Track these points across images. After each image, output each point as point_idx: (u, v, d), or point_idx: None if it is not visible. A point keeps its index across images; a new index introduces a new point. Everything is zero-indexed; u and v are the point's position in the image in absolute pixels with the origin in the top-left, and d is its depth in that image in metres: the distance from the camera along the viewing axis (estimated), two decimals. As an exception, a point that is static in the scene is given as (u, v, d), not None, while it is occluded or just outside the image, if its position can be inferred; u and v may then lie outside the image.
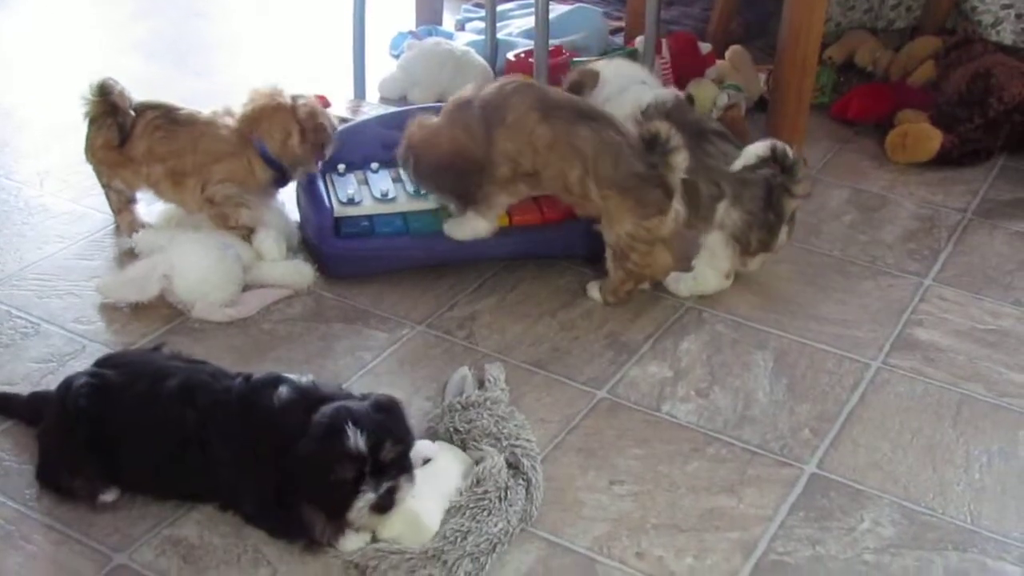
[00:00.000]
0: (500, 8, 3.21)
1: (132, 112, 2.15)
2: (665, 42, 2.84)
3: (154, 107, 2.17)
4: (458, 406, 1.77)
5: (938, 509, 1.69)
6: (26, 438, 1.73)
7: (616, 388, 1.92)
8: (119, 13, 3.48)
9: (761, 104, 2.88)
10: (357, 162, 2.27)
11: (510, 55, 2.89)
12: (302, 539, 1.55)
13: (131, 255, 2.17)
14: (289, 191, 2.30)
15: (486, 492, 1.59)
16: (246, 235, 2.17)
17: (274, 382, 1.57)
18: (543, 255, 2.24)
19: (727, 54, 2.97)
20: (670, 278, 2.16)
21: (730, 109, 2.77)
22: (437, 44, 2.95)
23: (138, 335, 2.00)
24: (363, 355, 1.98)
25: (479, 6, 3.30)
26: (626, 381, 1.94)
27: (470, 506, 1.57)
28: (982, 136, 2.68)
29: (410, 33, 3.19)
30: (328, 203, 2.17)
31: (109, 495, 1.61)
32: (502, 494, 1.59)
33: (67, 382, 1.64)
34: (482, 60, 2.94)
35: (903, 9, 3.22)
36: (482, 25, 3.10)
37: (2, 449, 1.72)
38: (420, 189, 2.17)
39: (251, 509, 1.58)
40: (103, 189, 2.26)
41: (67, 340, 1.98)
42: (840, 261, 2.31)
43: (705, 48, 2.98)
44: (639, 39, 2.82)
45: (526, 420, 1.78)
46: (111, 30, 3.36)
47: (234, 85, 2.95)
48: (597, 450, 1.77)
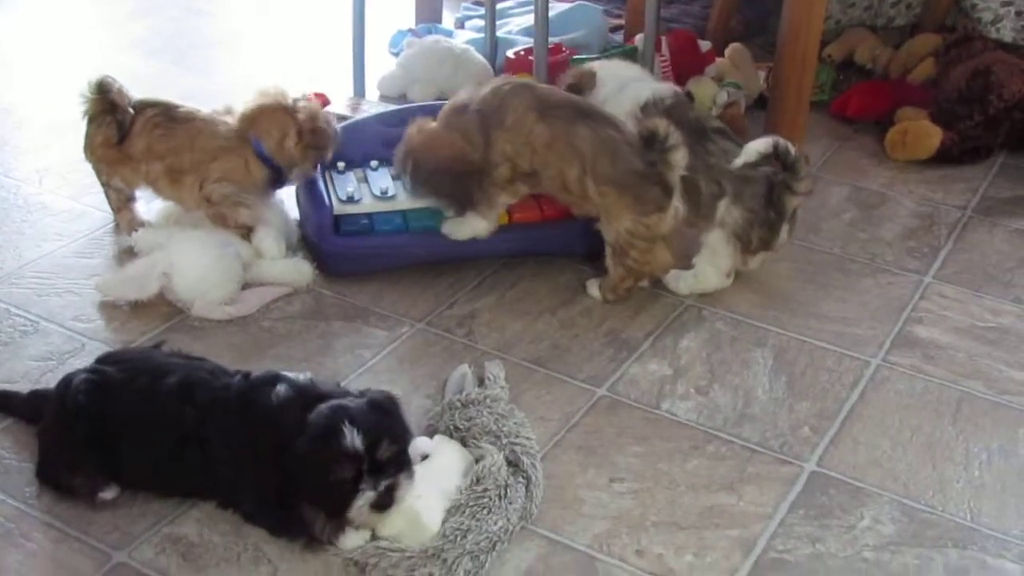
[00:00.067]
0: (500, 6, 3.21)
1: (131, 110, 2.15)
2: (665, 40, 2.84)
3: (153, 105, 2.17)
4: (458, 404, 1.77)
5: (938, 506, 1.68)
6: (26, 436, 1.73)
7: (616, 386, 1.92)
8: (119, 11, 3.48)
9: (761, 102, 2.88)
10: (357, 160, 2.27)
11: (510, 53, 2.89)
12: (302, 537, 1.55)
13: (130, 253, 2.17)
14: (288, 189, 2.30)
15: (486, 490, 1.59)
16: (245, 234, 2.17)
17: (272, 380, 1.57)
18: (543, 253, 2.24)
19: (727, 52, 2.97)
20: (670, 276, 2.16)
21: (730, 107, 2.77)
22: (437, 42, 2.95)
23: (137, 333, 2.00)
24: (363, 353, 1.98)
25: (479, 4, 3.30)
26: (626, 379, 1.94)
27: (470, 504, 1.57)
28: (982, 133, 2.68)
29: (410, 31, 3.19)
30: (328, 201, 2.17)
31: (109, 493, 1.61)
32: (502, 492, 1.59)
33: (66, 379, 1.64)
34: (482, 58, 2.94)
35: (903, 6, 3.22)
36: (482, 23, 3.10)
37: (2, 447, 1.72)
38: (417, 194, 2.16)
39: (250, 507, 1.58)
40: (102, 187, 2.26)
41: (66, 338, 1.98)
42: (840, 259, 2.31)
43: (705, 46, 2.98)
44: (639, 37, 2.82)
45: (526, 418, 1.78)
46: (111, 28, 3.36)
47: (234, 83, 2.97)
48: (597, 448, 1.77)
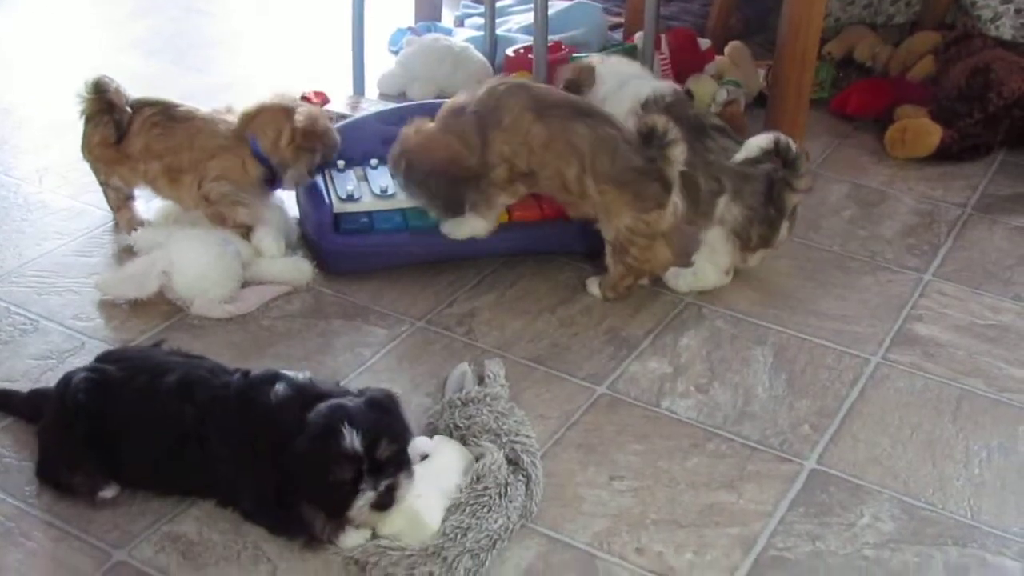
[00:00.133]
0: (499, 4, 3.21)
1: (128, 109, 2.15)
2: (664, 38, 2.84)
3: (151, 104, 2.17)
4: (458, 402, 1.77)
5: (938, 504, 1.68)
6: (26, 435, 1.72)
7: (616, 384, 1.92)
8: (119, 11, 3.48)
9: (760, 100, 2.88)
10: (356, 158, 2.26)
11: (509, 51, 2.89)
12: (301, 536, 1.55)
13: (130, 252, 2.17)
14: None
15: (486, 488, 1.59)
16: (244, 233, 2.17)
17: (272, 379, 1.57)
18: (542, 251, 2.24)
19: (726, 50, 2.97)
20: (669, 273, 2.16)
21: (729, 105, 2.77)
22: (436, 40, 2.95)
23: (137, 332, 2.00)
24: (362, 351, 1.97)
25: (478, 2, 3.30)
26: (626, 377, 1.94)
27: (470, 503, 1.57)
28: (982, 131, 2.68)
29: (409, 29, 3.19)
30: (327, 199, 2.17)
31: (109, 491, 1.61)
32: (502, 490, 1.59)
33: (66, 378, 1.64)
34: (481, 56, 2.94)
35: (902, 4, 3.22)
36: (481, 21, 3.10)
37: (2, 446, 1.72)
38: (409, 194, 2.16)
39: (250, 506, 1.58)
40: (101, 186, 2.26)
41: (66, 337, 1.98)
42: (840, 256, 2.31)
43: (704, 44, 2.98)
44: (638, 35, 2.82)
45: (526, 416, 1.77)
46: (110, 27, 3.36)
47: (234, 82, 2.97)
48: (597, 446, 1.77)
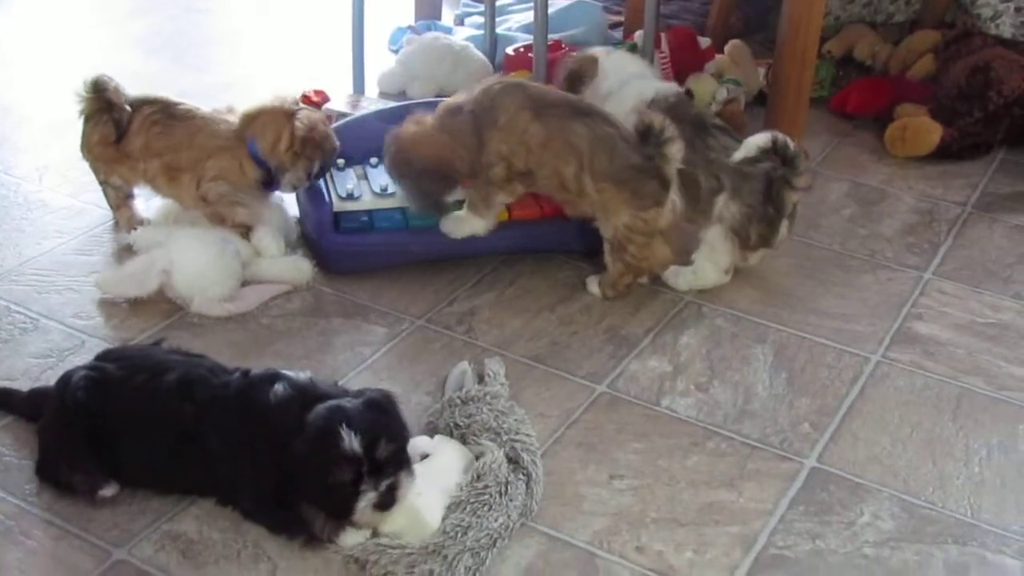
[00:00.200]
0: (499, 3, 3.20)
1: (127, 108, 2.15)
2: (664, 36, 2.84)
3: (151, 102, 2.17)
4: (458, 401, 1.77)
5: (938, 503, 1.69)
6: (26, 434, 1.72)
7: (616, 382, 1.92)
8: (118, 9, 3.48)
9: (760, 98, 2.88)
10: (356, 157, 2.26)
11: (509, 50, 2.89)
12: (301, 535, 1.55)
13: (130, 251, 2.17)
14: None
15: (486, 487, 1.59)
16: (244, 232, 2.17)
17: (271, 378, 1.57)
18: (542, 249, 2.24)
19: (726, 48, 2.97)
20: (669, 272, 2.16)
21: (729, 103, 2.77)
22: (436, 39, 2.95)
23: (137, 330, 2.00)
24: (362, 350, 1.97)
25: (478, 1, 3.30)
26: (626, 375, 1.94)
27: (470, 501, 1.57)
28: (982, 130, 2.68)
29: (409, 28, 3.19)
30: (327, 198, 2.17)
31: (108, 490, 1.60)
32: (502, 489, 1.59)
33: (66, 377, 1.64)
34: (481, 55, 2.94)
35: (902, 3, 3.21)
36: (481, 20, 3.10)
37: (2, 444, 1.72)
38: (391, 180, 2.15)
39: (249, 505, 1.58)
40: (100, 185, 2.26)
41: (66, 335, 1.98)
42: (839, 255, 2.31)
43: (704, 42, 2.98)
44: (638, 33, 2.82)
45: (526, 415, 1.77)
46: (110, 26, 3.36)
47: (234, 81, 2.97)
48: (597, 444, 1.77)
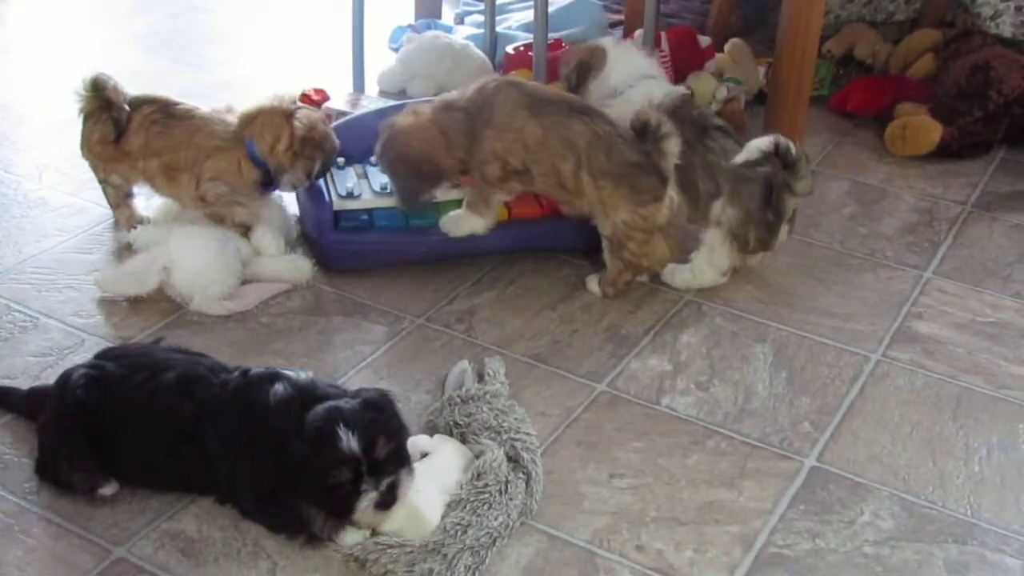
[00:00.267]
0: (499, 1, 3.20)
1: (126, 107, 2.15)
2: (664, 35, 2.83)
3: (151, 101, 2.17)
4: (458, 400, 1.77)
5: (938, 502, 1.69)
6: (26, 432, 1.72)
7: (616, 381, 1.92)
8: (118, 8, 3.47)
9: (760, 97, 2.87)
10: (356, 155, 2.26)
11: (509, 49, 2.89)
12: (301, 534, 1.55)
13: (129, 249, 2.17)
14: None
15: (486, 486, 1.59)
16: (244, 232, 2.17)
17: (271, 378, 1.57)
18: (542, 248, 2.24)
19: (726, 47, 2.97)
20: (667, 270, 2.16)
21: (729, 102, 2.77)
22: (436, 37, 2.94)
23: (137, 329, 2.00)
24: (362, 349, 1.97)
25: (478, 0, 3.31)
26: (626, 374, 1.94)
27: (470, 500, 1.57)
28: (982, 129, 2.68)
29: (409, 26, 3.19)
30: (327, 196, 2.17)
31: (108, 488, 1.61)
32: (502, 488, 1.59)
33: (65, 375, 1.64)
34: (481, 54, 2.93)
35: (902, 2, 3.21)
36: (481, 18, 3.10)
37: (2, 443, 1.72)
38: (379, 166, 2.15)
39: (249, 504, 1.58)
40: (100, 184, 2.26)
41: (66, 334, 1.98)
42: (840, 254, 2.31)
43: (704, 41, 2.98)
44: (638, 32, 2.82)
45: (526, 413, 1.77)
46: (110, 25, 3.35)
47: (233, 80, 2.97)
48: (597, 443, 1.77)
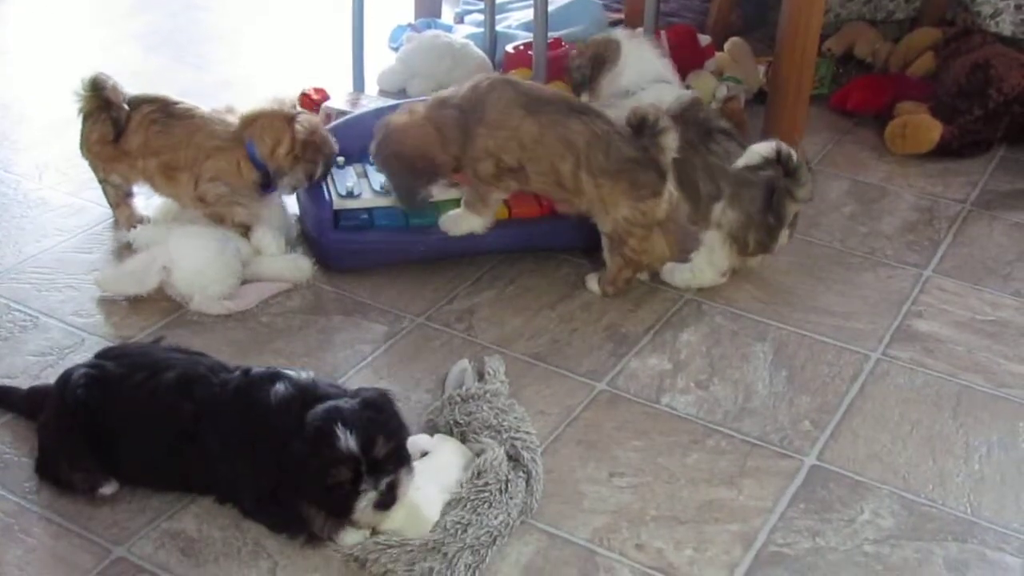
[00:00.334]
0: (499, 0, 3.20)
1: (125, 106, 2.15)
2: (664, 34, 2.83)
3: (150, 101, 2.17)
4: (458, 399, 1.77)
5: (938, 500, 1.69)
6: (26, 431, 1.73)
7: (616, 380, 1.92)
8: (118, 7, 3.47)
9: (760, 96, 2.87)
10: (356, 155, 2.26)
11: (509, 47, 2.89)
12: (302, 533, 1.55)
13: (129, 248, 2.17)
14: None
15: (487, 484, 1.59)
16: (244, 232, 2.17)
17: (272, 377, 1.57)
18: (542, 248, 2.24)
19: (726, 46, 2.96)
20: (666, 268, 2.16)
21: (729, 101, 2.77)
22: (436, 37, 2.94)
23: (137, 328, 2.00)
24: (362, 348, 1.97)
25: (478, -2, 3.30)
26: (626, 373, 1.94)
27: (471, 498, 1.57)
28: (981, 127, 2.68)
29: (409, 26, 3.19)
30: (327, 196, 2.17)
31: (108, 488, 1.61)
32: (502, 486, 1.59)
33: (66, 374, 1.64)
34: (481, 53, 2.93)
35: (902, 0, 3.21)
36: (481, 18, 3.10)
37: (2, 442, 1.72)
38: (375, 166, 2.15)
39: (249, 504, 1.58)
40: (100, 183, 2.26)
41: (66, 333, 1.98)
42: (840, 252, 2.31)
43: (704, 40, 2.97)
44: (638, 31, 2.81)
45: (526, 412, 1.78)
46: (110, 24, 3.35)
47: (233, 79, 2.97)
48: (597, 442, 1.77)
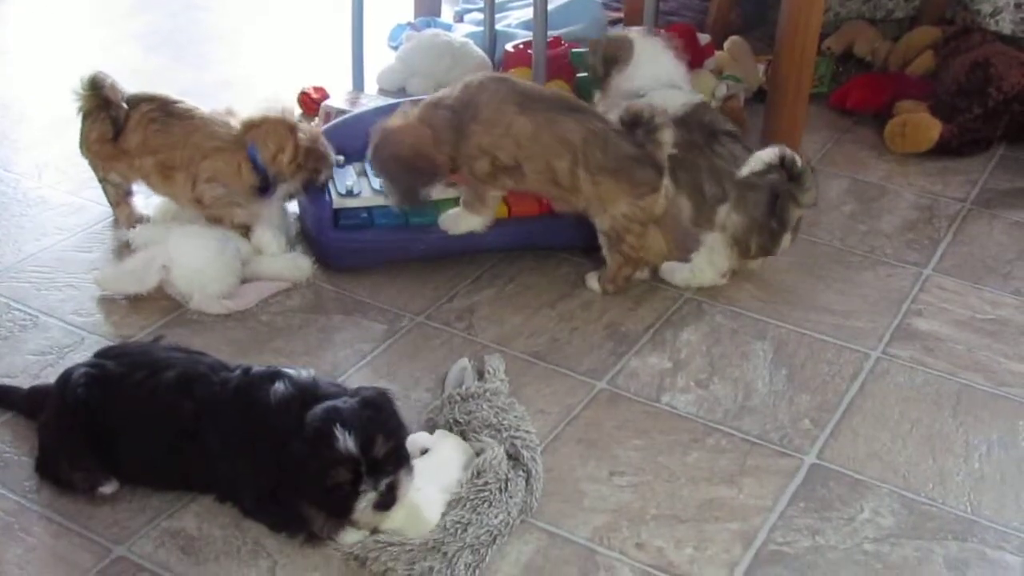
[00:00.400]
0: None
1: (124, 105, 2.15)
2: (663, 34, 2.83)
3: (149, 100, 2.16)
4: (458, 397, 1.77)
5: (938, 499, 1.69)
6: (26, 430, 1.72)
7: (616, 379, 1.92)
8: (118, 6, 3.47)
9: (760, 95, 2.87)
10: (356, 154, 2.26)
11: (508, 46, 2.88)
12: (302, 533, 1.55)
13: (129, 248, 2.17)
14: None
15: (486, 484, 1.59)
16: (244, 232, 2.17)
17: (272, 376, 1.56)
18: (542, 246, 2.24)
19: (726, 45, 2.96)
20: (666, 267, 2.16)
21: (729, 100, 2.77)
22: (436, 35, 2.94)
23: (137, 327, 2.00)
24: (362, 347, 1.97)
25: (477, -3, 3.30)
26: (626, 372, 1.94)
27: (470, 498, 1.57)
28: (981, 126, 2.68)
29: (409, 24, 3.18)
30: (327, 195, 2.17)
31: (108, 487, 1.61)
32: (502, 485, 1.59)
33: (66, 374, 1.64)
34: (481, 51, 2.93)
35: (902, -1, 3.22)
36: (481, 16, 3.10)
37: (2, 441, 1.72)
38: (372, 170, 2.15)
39: (249, 503, 1.58)
40: (99, 182, 2.26)
41: (66, 332, 1.98)
42: (839, 251, 2.31)
43: (704, 39, 2.97)
44: (654, 31, 2.81)
45: (526, 411, 1.78)
46: (110, 23, 3.35)
47: (233, 78, 2.97)
48: (597, 441, 1.77)
